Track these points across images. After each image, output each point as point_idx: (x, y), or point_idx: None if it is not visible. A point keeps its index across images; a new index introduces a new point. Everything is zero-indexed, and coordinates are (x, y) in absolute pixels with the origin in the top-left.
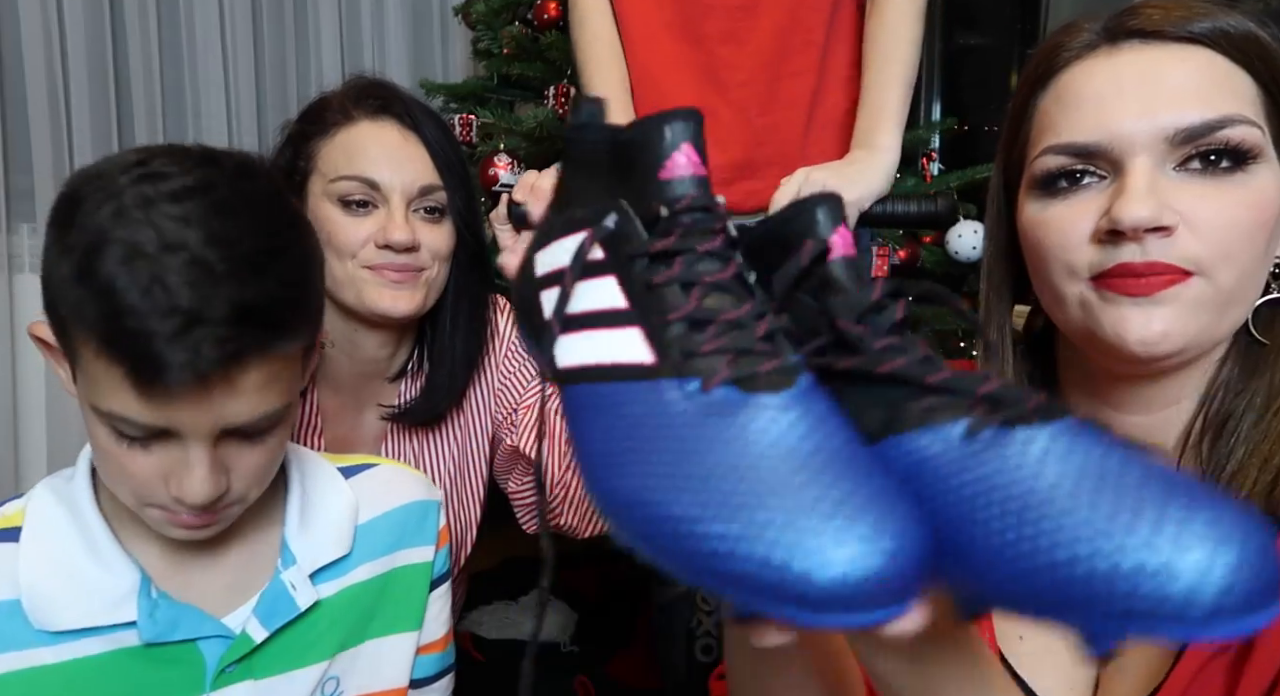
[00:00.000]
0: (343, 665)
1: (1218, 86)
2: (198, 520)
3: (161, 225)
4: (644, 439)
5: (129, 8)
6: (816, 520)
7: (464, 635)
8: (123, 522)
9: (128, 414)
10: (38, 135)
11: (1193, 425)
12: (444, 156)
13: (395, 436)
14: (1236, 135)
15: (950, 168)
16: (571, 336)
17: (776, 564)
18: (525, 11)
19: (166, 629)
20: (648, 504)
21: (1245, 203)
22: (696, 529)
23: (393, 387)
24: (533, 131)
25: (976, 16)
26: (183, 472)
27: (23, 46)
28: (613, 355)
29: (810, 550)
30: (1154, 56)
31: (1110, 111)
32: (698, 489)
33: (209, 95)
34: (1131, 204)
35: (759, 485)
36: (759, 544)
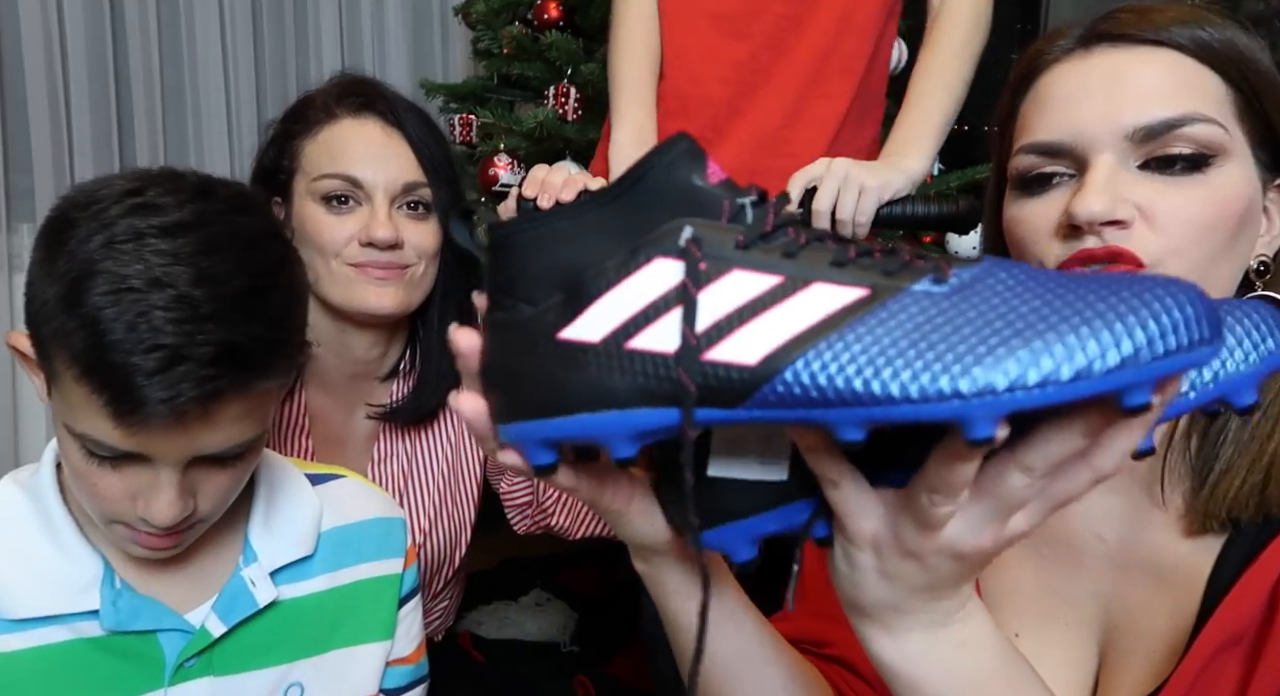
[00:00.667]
0: (306, 672)
1: (1182, 86)
2: (161, 540)
3: (150, 260)
4: (943, 333)
5: (129, 8)
6: (1146, 298)
7: (463, 635)
8: (88, 514)
9: (101, 438)
10: (38, 135)
11: (1177, 424)
12: (428, 153)
13: (388, 437)
14: (1197, 133)
15: (950, 168)
16: (736, 335)
17: (1159, 334)
18: (525, 11)
19: (129, 618)
20: (1025, 376)
21: (1203, 199)
22: (1084, 360)
23: (384, 388)
24: (533, 131)
25: None
26: (150, 494)
27: (23, 46)
28: (817, 313)
29: (1156, 313)
30: (1121, 58)
31: (1077, 111)
32: (1046, 330)
33: (209, 95)
34: (1086, 198)
35: (1085, 300)
36: (1144, 327)
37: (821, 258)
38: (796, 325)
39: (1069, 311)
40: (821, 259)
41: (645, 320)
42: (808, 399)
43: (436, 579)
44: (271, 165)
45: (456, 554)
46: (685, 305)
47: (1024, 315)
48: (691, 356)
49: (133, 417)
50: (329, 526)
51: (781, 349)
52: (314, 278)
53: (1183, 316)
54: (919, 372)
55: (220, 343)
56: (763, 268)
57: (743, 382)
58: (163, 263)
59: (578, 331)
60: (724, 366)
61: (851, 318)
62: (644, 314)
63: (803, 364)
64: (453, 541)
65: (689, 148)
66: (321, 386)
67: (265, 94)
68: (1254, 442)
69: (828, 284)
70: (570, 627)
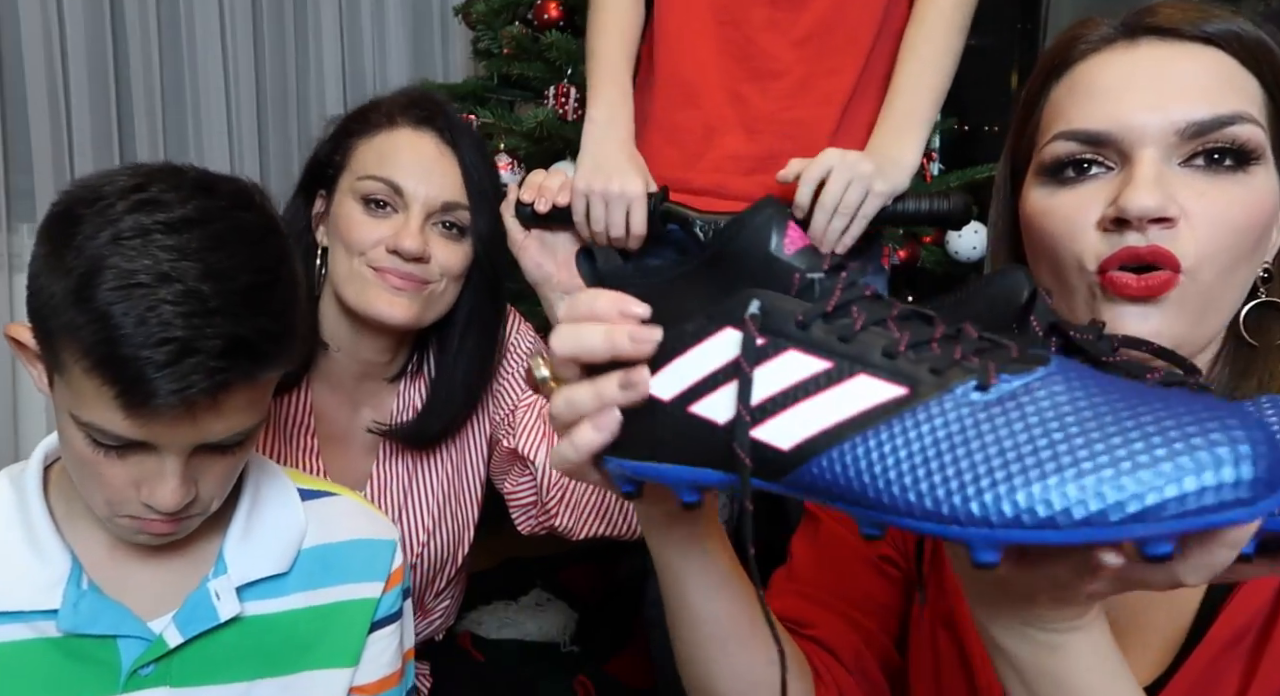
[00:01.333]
0: (271, 691)
1: (1228, 86)
2: (164, 526)
3: (158, 256)
4: (958, 450)
5: (129, 8)
6: (1203, 435)
7: (463, 635)
8: (69, 515)
9: (110, 428)
10: (38, 135)
11: None
12: (476, 179)
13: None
14: (1243, 133)
15: (950, 168)
16: (781, 415)
17: (1200, 483)
18: (525, 11)
19: (86, 621)
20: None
21: (1241, 202)
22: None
23: (390, 389)
24: (533, 131)
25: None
26: (155, 482)
27: (23, 46)
28: (854, 406)
29: (1215, 459)
30: (1168, 53)
31: (1122, 103)
32: (1074, 468)
33: (209, 95)
34: (1139, 193)
35: (1127, 433)
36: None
37: (875, 344)
38: (834, 417)
39: (1104, 445)
40: (875, 345)
41: (706, 388)
42: (831, 491)
43: (439, 578)
44: (325, 159)
45: (460, 553)
46: (741, 382)
47: (1054, 443)
48: (743, 431)
49: (143, 409)
50: (312, 544)
51: (814, 438)
52: (335, 274)
53: (1235, 474)
54: (934, 487)
55: (228, 336)
56: (816, 351)
57: (779, 463)
58: (170, 258)
59: (657, 387)
60: (764, 446)
61: (887, 416)
62: (706, 382)
63: (833, 457)
64: (457, 540)
65: (774, 212)
66: (328, 384)
67: (265, 94)
68: None
69: (872, 377)
70: (570, 627)
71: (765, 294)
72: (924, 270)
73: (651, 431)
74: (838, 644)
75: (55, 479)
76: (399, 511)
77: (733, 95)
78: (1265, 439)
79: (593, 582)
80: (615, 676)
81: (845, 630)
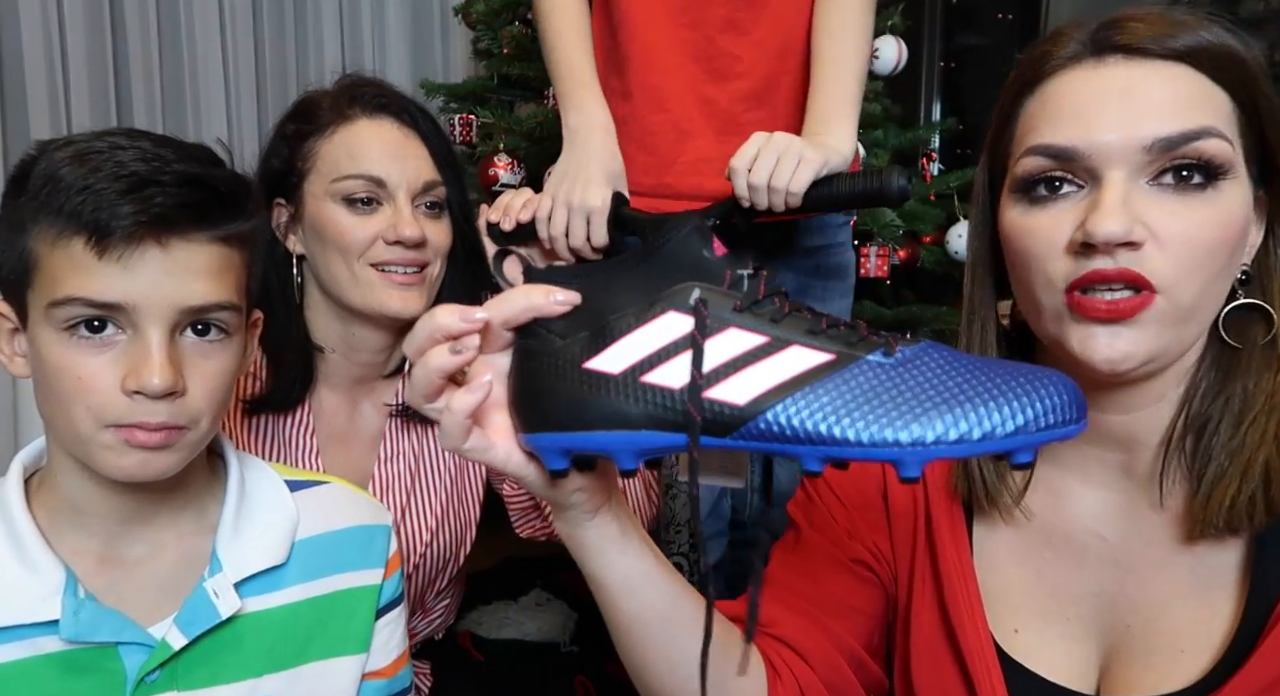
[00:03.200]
0: (277, 686)
1: (1195, 102)
2: (153, 436)
3: (114, 140)
4: (889, 395)
5: (129, 7)
6: (1037, 386)
7: (463, 634)
8: (54, 527)
9: (87, 290)
10: (38, 135)
11: (1174, 426)
12: (441, 152)
13: (394, 435)
14: (1209, 148)
15: (950, 168)
16: (730, 380)
17: (1043, 413)
18: (525, 11)
19: (88, 629)
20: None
21: (1211, 221)
22: (984, 425)
23: (389, 385)
24: (533, 131)
25: (976, 16)
26: (140, 365)
27: (23, 46)
28: (794, 369)
29: (1042, 397)
30: (1135, 73)
31: (1091, 122)
32: (964, 402)
33: (209, 95)
34: (1105, 219)
35: (993, 382)
36: (1023, 408)
37: (800, 326)
38: (778, 377)
39: (981, 390)
40: (800, 327)
41: (658, 360)
42: (782, 436)
43: (441, 577)
44: (282, 166)
45: (461, 551)
46: (695, 351)
47: (949, 388)
48: (696, 393)
49: (111, 242)
50: (307, 534)
51: (765, 394)
52: (332, 281)
53: (1061, 401)
54: (870, 424)
55: (185, 173)
56: (754, 328)
57: (733, 418)
58: (127, 140)
59: (601, 363)
60: (719, 404)
61: (821, 376)
62: (657, 355)
63: (781, 408)
64: (458, 539)
65: (700, 225)
66: (326, 386)
67: (265, 94)
68: (1244, 451)
69: (803, 347)
70: (570, 627)
71: (702, 285)
72: (924, 270)
73: (600, 403)
74: (803, 643)
75: (36, 489)
76: (402, 511)
77: (700, 97)
78: (1073, 383)
79: None
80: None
81: (812, 630)
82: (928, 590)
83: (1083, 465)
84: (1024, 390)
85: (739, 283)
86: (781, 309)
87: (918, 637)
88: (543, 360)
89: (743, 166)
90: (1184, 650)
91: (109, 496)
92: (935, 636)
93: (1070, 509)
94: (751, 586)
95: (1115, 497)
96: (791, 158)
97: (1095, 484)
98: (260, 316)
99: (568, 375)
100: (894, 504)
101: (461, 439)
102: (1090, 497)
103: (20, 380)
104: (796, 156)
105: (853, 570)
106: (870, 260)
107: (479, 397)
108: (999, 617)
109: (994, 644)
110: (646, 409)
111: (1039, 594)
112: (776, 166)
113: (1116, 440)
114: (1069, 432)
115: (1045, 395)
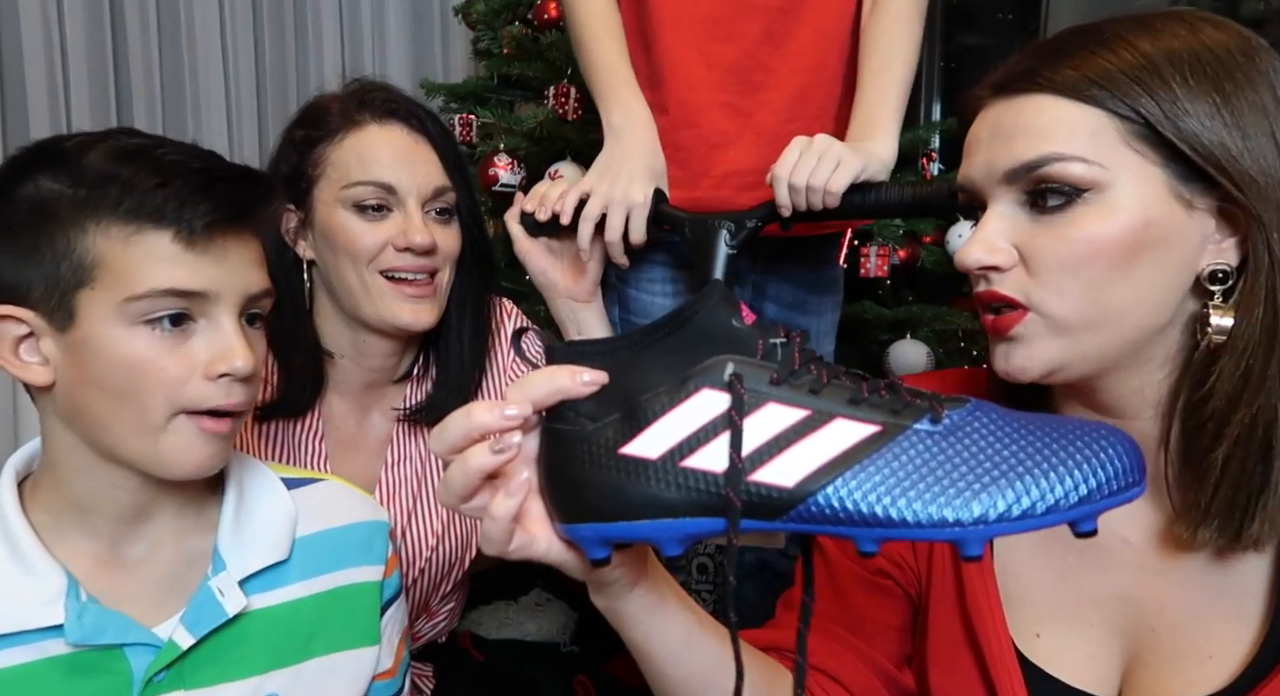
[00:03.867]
0: (282, 682)
1: (1049, 128)
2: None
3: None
4: (944, 470)
5: (129, 7)
6: (1097, 449)
7: (463, 635)
8: (52, 531)
9: (174, 280)
10: (38, 135)
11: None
12: (450, 157)
13: (401, 439)
14: (1057, 172)
15: (950, 167)
16: (776, 461)
17: (1106, 480)
18: (525, 11)
19: (94, 632)
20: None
21: (1069, 238)
22: (1047, 498)
23: (398, 390)
24: (533, 131)
25: (976, 16)
26: (223, 349)
27: (23, 46)
28: (840, 445)
29: (1104, 463)
30: (1001, 109)
31: (970, 161)
32: (1025, 474)
33: (209, 97)
34: (966, 247)
35: (1051, 449)
36: (1086, 477)
37: (841, 395)
38: (825, 455)
39: (1040, 459)
40: (841, 396)
41: (697, 442)
42: (836, 519)
43: (446, 581)
44: (292, 173)
45: (467, 556)
46: (733, 432)
47: (1006, 459)
48: (738, 477)
49: (195, 234)
50: (307, 532)
51: (813, 474)
52: (343, 290)
53: (1123, 465)
54: (928, 503)
55: (240, 170)
56: (794, 402)
57: (781, 502)
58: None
59: (638, 448)
60: (765, 487)
61: (870, 451)
62: (695, 437)
63: (832, 490)
64: (464, 542)
65: (725, 294)
66: (336, 391)
67: (265, 94)
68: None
69: (848, 420)
70: (570, 627)
71: (736, 358)
72: (924, 270)
73: (640, 490)
74: (838, 668)
75: (31, 493)
76: (408, 516)
77: (732, 110)
78: (1133, 443)
79: None
80: (615, 676)
81: (845, 654)
82: (948, 594)
83: None
84: (1083, 457)
85: (772, 352)
86: (820, 378)
87: (937, 641)
88: (576, 446)
89: (785, 173)
90: (1211, 656)
91: (120, 495)
92: (956, 640)
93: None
94: (797, 653)
95: (1138, 502)
96: (831, 159)
97: None
98: None
99: (603, 462)
100: None
101: (507, 543)
102: None
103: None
104: (836, 159)
105: (877, 584)
106: (870, 260)
107: (520, 500)
108: (1020, 622)
109: (1014, 648)
110: (689, 495)
111: (1061, 598)
112: (816, 166)
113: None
114: (1131, 497)
115: (1106, 459)
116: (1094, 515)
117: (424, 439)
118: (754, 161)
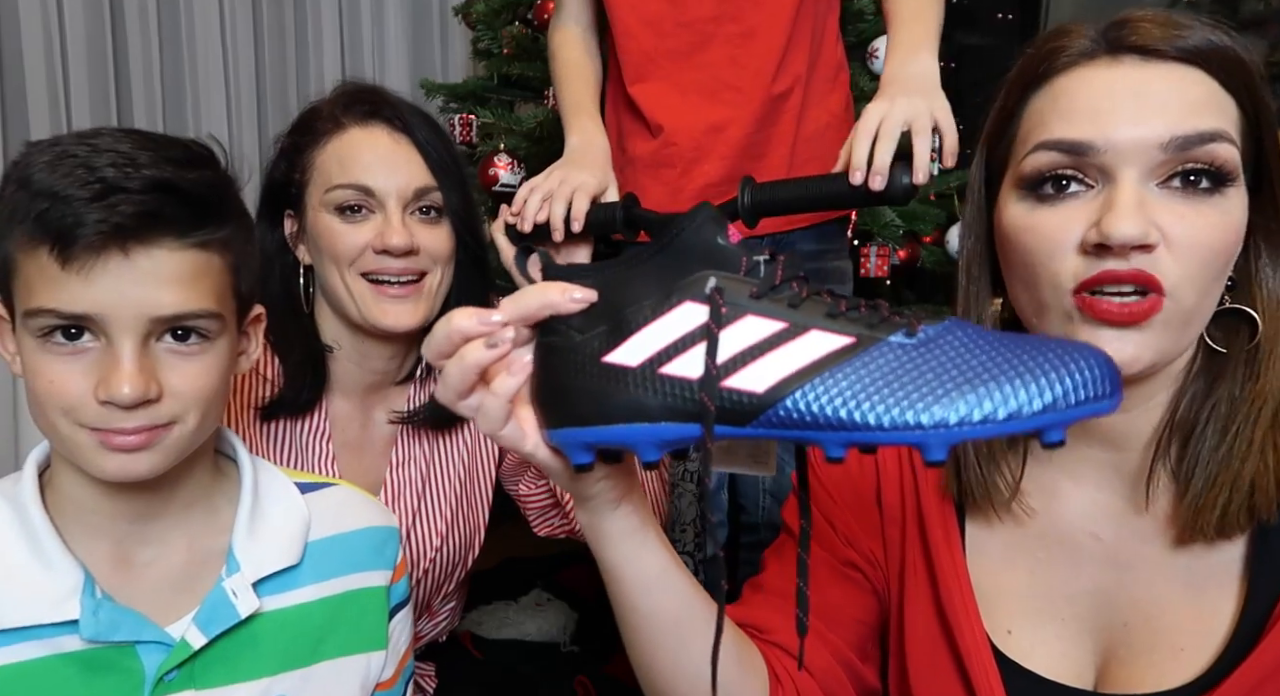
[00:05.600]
0: (292, 684)
1: (1207, 105)
2: (129, 439)
3: (95, 143)
4: (910, 377)
5: (129, 7)
6: (1066, 360)
7: (463, 634)
8: (70, 525)
9: (56, 301)
10: (38, 135)
11: (1162, 429)
12: (437, 157)
13: (405, 441)
14: (1221, 153)
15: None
16: (749, 368)
17: (1072, 389)
18: (525, 11)
19: (108, 628)
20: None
21: (1217, 226)
22: (1010, 404)
23: (401, 391)
24: (533, 131)
25: (976, 16)
26: (110, 373)
27: (23, 46)
28: (813, 354)
29: (1071, 372)
30: (1151, 73)
31: (1106, 120)
32: (989, 380)
33: (209, 96)
34: (1123, 221)
35: (1020, 358)
36: (1051, 385)
37: (818, 309)
38: (797, 363)
39: (1007, 366)
40: (818, 310)
41: (675, 351)
42: (803, 423)
43: (449, 581)
44: (282, 179)
45: (470, 556)
46: (709, 342)
47: (973, 367)
48: (712, 383)
49: (75, 252)
50: (319, 536)
51: (784, 381)
52: (331, 292)
53: (1092, 375)
54: (890, 407)
55: (154, 178)
56: (771, 314)
57: (752, 406)
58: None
59: (620, 356)
60: (737, 392)
61: (841, 360)
62: (674, 346)
63: (800, 395)
64: (467, 543)
65: (713, 214)
66: (341, 393)
67: (265, 94)
68: (1233, 460)
69: (823, 332)
70: (570, 627)
71: (718, 274)
72: (924, 270)
73: (620, 396)
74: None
75: (47, 488)
76: (413, 517)
77: (708, 126)
78: (1105, 357)
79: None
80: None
81: (810, 639)
82: (923, 591)
83: (1074, 465)
84: (1052, 365)
85: (755, 269)
86: (799, 293)
87: (914, 639)
88: (563, 356)
89: (865, 143)
90: (1184, 648)
91: (109, 497)
92: (932, 638)
93: (1063, 509)
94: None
95: (1108, 498)
96: (925, 117)
97: (1088, 484)
98: (262, 311)
99: (587, 370)
100: (887, 506)
101: (502, 423)
102: (1083, 498)
103: (19, 380)
104: (927, 112)
105: (847, 575)
106: (870, 260)
107: (520, 380)
108: (993, 618)
109: (990, 643)
110: (665, 400)
111: (1033, 594)
112: (915, 119)
113: (1108, 440)
114: (1101, 409)
115: (1075, 369)
116: (1059, 424)
117: (427, 440)
118: (723, 171)
